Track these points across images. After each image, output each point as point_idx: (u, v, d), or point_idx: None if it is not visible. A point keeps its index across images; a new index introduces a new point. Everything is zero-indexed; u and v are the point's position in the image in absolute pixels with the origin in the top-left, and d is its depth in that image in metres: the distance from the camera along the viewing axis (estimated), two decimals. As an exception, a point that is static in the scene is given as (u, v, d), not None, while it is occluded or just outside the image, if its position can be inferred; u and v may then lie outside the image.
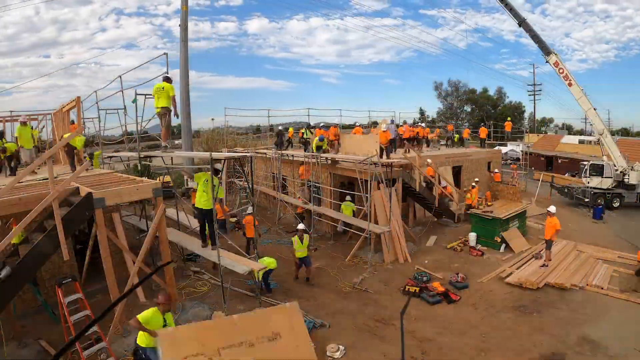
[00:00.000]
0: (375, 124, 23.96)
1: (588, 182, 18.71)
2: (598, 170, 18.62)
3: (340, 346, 6.54)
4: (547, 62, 18.35)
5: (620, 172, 18.07)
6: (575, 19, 73.68)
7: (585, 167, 19.24)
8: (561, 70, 18.05)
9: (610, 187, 18.22)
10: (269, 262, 8.62)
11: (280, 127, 17.70)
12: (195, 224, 12.25)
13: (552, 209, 10.31)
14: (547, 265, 9.90)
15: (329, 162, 13.05)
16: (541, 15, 72.16)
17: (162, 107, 8.70)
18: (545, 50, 18.20)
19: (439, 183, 14.17)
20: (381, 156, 12.22)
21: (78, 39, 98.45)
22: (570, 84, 17.99)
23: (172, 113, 8.90)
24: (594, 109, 18.12)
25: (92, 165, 10.63)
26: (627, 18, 67.52)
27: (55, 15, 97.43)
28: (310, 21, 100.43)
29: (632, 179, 17.94)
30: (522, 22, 18.23)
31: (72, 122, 11.62)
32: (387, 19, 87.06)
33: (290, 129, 18.47)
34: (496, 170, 18.83)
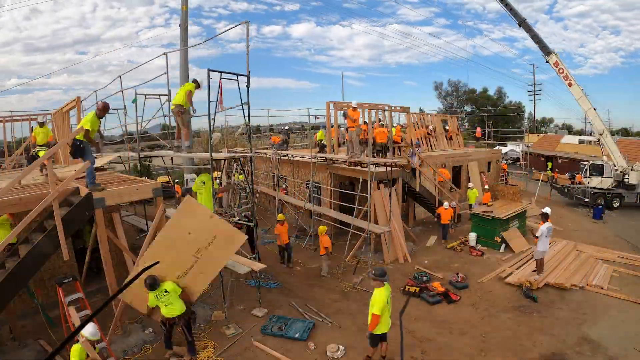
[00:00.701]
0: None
1: (588, 182, 18.73)
2: (598, 170, 18.64)
3: (341, 346, 6.54)
4: (547, 62, 18.33)
5: (621, 172, 18.07)
6: (590, 32, 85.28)
7: (585, 167, 19.27)
8: (561, 70, 18.03)
9: (610, 187, 18.23)
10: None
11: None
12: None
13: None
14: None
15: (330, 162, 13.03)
16: (563, 29, 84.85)
17: (176, 105, 8.53)
18: (545, 50, 18.18)
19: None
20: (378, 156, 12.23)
21: (122, 37, 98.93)
22: (570, 84, 17.97)
23: (191, 110, 8.70)
24: (594, 109, 18.12)
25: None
26: (636, 32, 78.65)
27: (108, 13, 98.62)
28: (354, 27, 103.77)
29: (632, 179, 17.95)
30: (522, 22, 18.22)
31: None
32: (428, 27, 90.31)
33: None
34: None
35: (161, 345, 6.52)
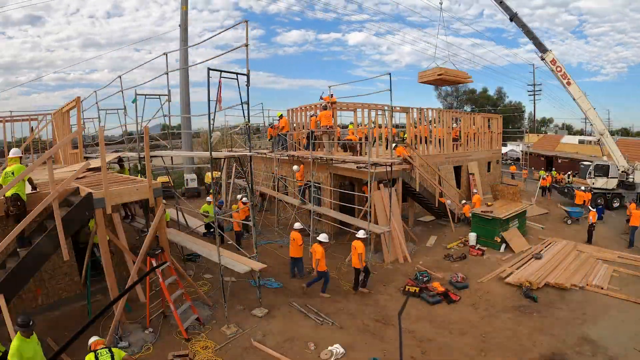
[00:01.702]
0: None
1: (593, 183, 18.47)
2: (603, 170, 18.50)
3: (340, 346, 6.54)
4: (543, 59, 17.93)
5: (623, 171, 18.05)
6: (607, 46, 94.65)
7: (590, 169, 19.02)
8: (559, 69, 17.80)
9: (614, 188, 18.16)
10: None
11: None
12: (195, 224, 12.28)
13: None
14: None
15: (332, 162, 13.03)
16: (584, 43, 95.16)
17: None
18: (541, 47, 17.86)
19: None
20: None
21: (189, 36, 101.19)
22: (568, 83, 17.82)
23: None
24: (594, 109, 18.08)
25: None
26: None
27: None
28: (406, 36, 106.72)
29: (637, 178, 17.92)
30: (513, 17, 17.97)
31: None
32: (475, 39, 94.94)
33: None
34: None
35: (161, 345, 6.54)
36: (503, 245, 11.86)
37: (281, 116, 15.49)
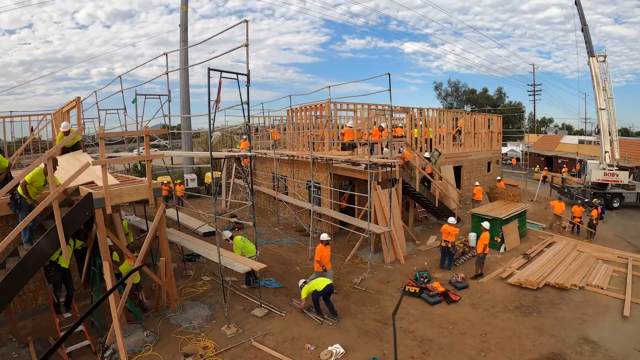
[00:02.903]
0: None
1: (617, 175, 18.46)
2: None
3: (340, 346, 6.53)
4: (590, 61, 18.22)
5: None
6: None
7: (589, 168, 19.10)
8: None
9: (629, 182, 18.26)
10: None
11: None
12: (195, 224, 12.28)
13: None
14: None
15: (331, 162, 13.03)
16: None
17: None
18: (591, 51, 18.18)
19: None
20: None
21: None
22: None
23: None
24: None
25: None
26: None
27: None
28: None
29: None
30: (583, 28, 18.48)
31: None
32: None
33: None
34: (498, 178, 18.65)
35: (162, 345, 6.54)
36: (503, 246, 11.86)
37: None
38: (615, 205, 18.16)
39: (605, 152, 18.43)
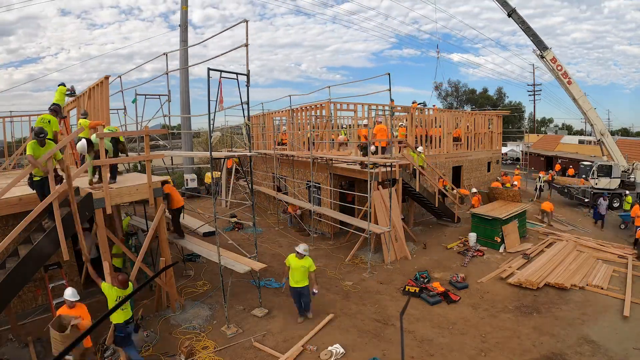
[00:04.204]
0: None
1: (596, 184, 18.41)
2: (606, 171, 18.47)
3: (340, 346, 6.54)
4: (543, 57, 17.75)
5: (623, 171, 18.04)
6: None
7: (593, 169, 18.95)
8: (559, 67, 17.67)
9: (616, 188, 18.15)
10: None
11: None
12: (195, 224, 12.26)
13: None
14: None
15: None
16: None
17: None
18: (541, 45, 17.67)
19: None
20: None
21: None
22: (569, 82, 17.78)
23: None
24: (594, 109, 18.07)
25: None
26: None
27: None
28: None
29: (637, 177, 17.93)
30: (512, 12, 17.85)
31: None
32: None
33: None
34: (498, 178, 18.63)
35: (162, 345, 6.53)
36: (503, 246, 11.86)
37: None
38: (616, 205, 18.16)
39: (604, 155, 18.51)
